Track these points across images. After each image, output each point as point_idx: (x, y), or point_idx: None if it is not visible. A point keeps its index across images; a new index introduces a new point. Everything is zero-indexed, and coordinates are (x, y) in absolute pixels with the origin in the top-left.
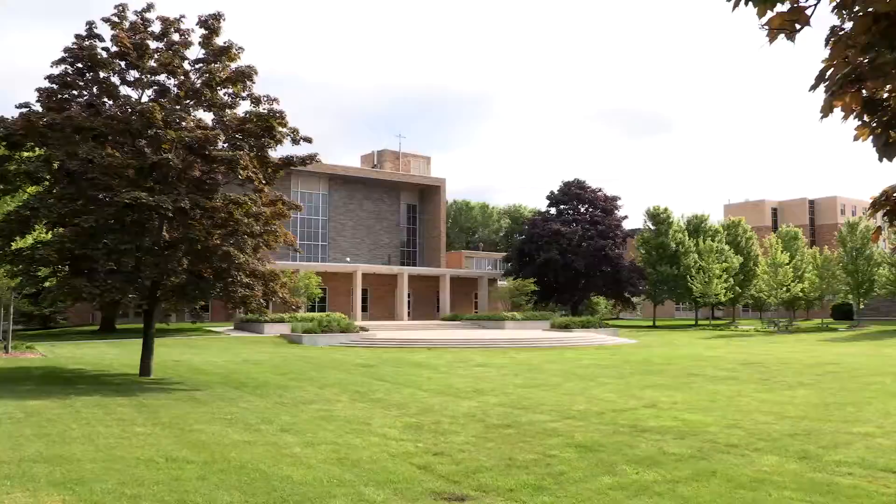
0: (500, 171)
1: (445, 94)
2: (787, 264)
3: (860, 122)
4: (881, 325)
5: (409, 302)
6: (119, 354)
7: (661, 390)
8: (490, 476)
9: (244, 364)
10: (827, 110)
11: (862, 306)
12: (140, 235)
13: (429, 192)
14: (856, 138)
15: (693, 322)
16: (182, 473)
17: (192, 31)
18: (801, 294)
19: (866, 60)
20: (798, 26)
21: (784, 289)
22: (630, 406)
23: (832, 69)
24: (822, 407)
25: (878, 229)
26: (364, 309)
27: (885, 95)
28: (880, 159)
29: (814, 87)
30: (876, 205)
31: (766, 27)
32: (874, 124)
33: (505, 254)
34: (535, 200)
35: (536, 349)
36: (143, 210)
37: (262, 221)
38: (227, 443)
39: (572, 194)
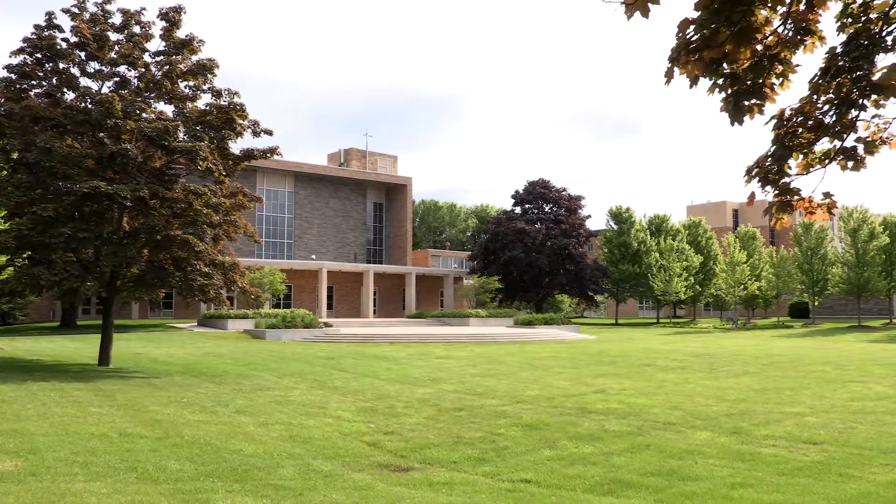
0: (470, 173)
1: (416, 97)
2: (745, 263)
3: (711, 83)
4: (835, 322)
5: (374, 300)
6: (79, 347)
7: (612, 378)
8: (437, 451)
9: (205, 356)
10: (669, 75)
11: (816, 304)
12: (100, 225)
13: (395, 191)
14: (710, 91)
15: (655, 320)
16: (134, 446)
17: (153, 23)
18: (758, 292)
19: (704, 33)
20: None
21: (741, 287)
22: (580, 392)
23: (675, 42)
24: (761, 392)
25: (752, 195)
26: (329, 306)
27: (740, 61)
28: (731, 123)
29: (670, 61)
30: (749, 171)
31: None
32: (720, 83)
33: (470, 252)
34: (503, 201)
35: (498, 344)
36: (103, 199)
37: (222, 212)
38: (182, 422)
39: (537, 194)
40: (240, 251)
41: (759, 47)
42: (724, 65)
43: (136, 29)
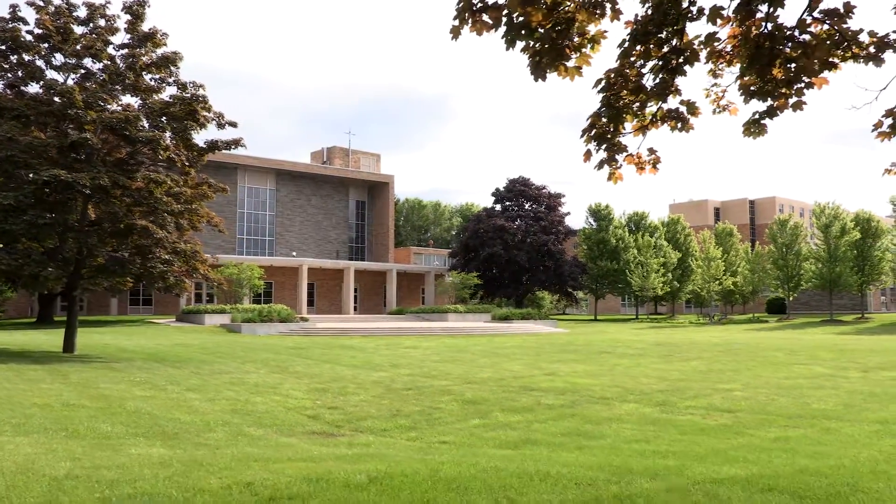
0: (459, 174)
1: (406, 98)
2: (720, 259)
3: (510, 35)
4: (810, 317)
5: (355, 296)
6: (49, 339)
7: (568, 363)
8: (372, 422)
9: (174, 347)
10: (456, 33)
11: (791, 299)
12: (64, 213)
13: (378, 189)
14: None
15: (634, 316)
16: (73, 414)
17: (118, 16)
18: (733, 287)
19: None
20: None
21: (717, 282)
22: (531, 374)
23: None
24: (705, 373)
25: (588, 152)
26: (311, 303)
27: (532, 23)
28: (535, 80)
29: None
30: (587, 132)
31: None
32: (523, 44)
33: (451, 249)
34: (487, 200)
35: (470, 336)
36: (64, 188)
37: (183, 200)
38: (128, 397)
39: (517, 191)
40: (220, 248)
41: (561, 10)
42: (521, 24)
43: (101, 22)
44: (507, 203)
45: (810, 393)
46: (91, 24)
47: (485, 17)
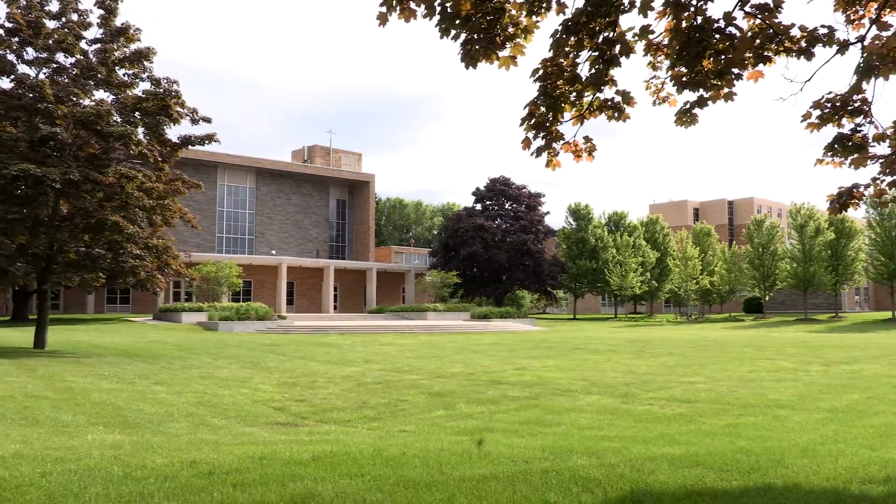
0: (440, 174)
1: (389, 99)
2: (697, 258)
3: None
4: (786, 316)
5: (335, 295)
6: (22, 336)
7: (539, 359)
8: (337, 414)
9: (149, 344)
10: (383, 19)
11: (767, 299)
12: (35, 209)
13: (358, 188)
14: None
15: (613, 315)
16: (36, 405)
17: (91, 11)
18: (710, 286)
19: None
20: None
21: (694, 281)
22: (501, 369)
23: None
24: (671, 367)
25: (527, 139)
26: (290, 302)
27: (462, 12)
28: (466, 67)
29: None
30: (526, 120)
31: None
32: (455, 32)
33: (431, 248)
34: (468, 200)
35: (447, 334)
36: (35, 183)
37: (155, 196)
38: (94, 389)
39: (497, 190)
40: (200, 246)
41: (492, 1)
42: (453, 14)
43: (74, 17)
44: (488, 202)
45: (770, 385)
46: (63, 19)
47: (412, 5)
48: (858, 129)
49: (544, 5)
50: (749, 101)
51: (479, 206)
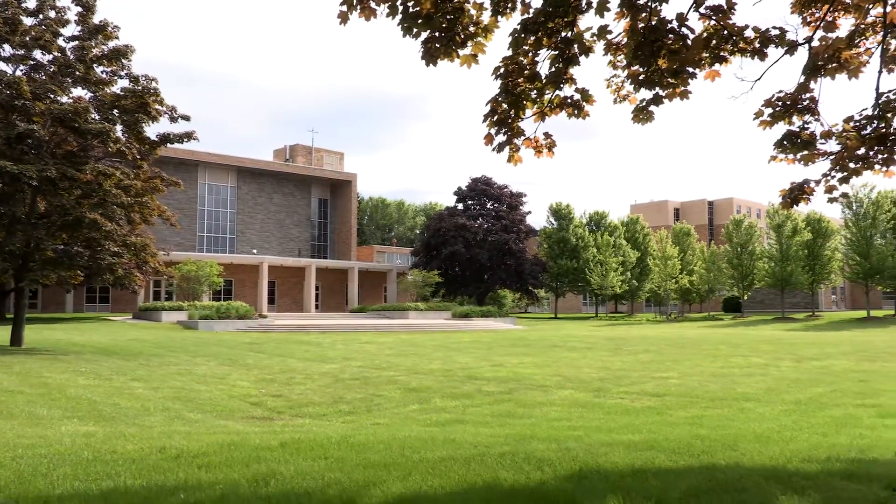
0: (423, 174)
1: (373, 99)
2: (677, 258)
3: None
4: (764, 315)
5: (317, 294)
6: None
7: (517, 356)
8: (313, 408)
9: (128, 342)
10: (344, 18)
11: (746, 298)
12: (12, 206)
13: (341, 187)
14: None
15: (594, 314)
16: (10, 399)
17: (68, 8)
18: (689, 286)
19: None
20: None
21: (673, 280)
22: (478, 366)
23: None
24: (647, 363)
25: (489, 135)
26: (271, 301)
27: (423, 11)
28: (427, 65)
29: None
30: (489, 117)
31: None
32: (415, 30)
33: (413, 248)
34: (451, 200)
35: (427, 332)
36: (12, 180)
37: (133, 193)
38: (70, 385)
39: (479, 190)
40: (181, 245)
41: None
42: (415, 14)
43: (51, 14)
44: (470, 202)
45: (740, 380)
46: (41, 16)
47: (371, 4)
48: (806, 126)
49: (510, 5)
50: (728, 102)
51: (461, 206)
